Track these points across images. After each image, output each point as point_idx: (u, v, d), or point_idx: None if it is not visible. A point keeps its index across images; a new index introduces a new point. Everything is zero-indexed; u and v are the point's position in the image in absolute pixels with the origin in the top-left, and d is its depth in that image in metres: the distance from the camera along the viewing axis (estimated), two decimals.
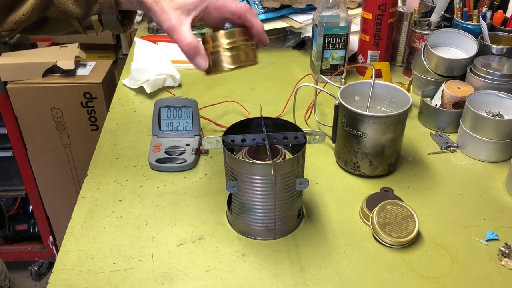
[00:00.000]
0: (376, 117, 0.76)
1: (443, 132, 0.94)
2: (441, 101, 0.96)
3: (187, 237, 0.70)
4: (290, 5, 1.31)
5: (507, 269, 0.65)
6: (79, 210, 0.75)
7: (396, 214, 0.70)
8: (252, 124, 0.72)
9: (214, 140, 0.68)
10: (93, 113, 1.47)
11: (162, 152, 0.86)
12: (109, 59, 2.10)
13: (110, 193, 0.79)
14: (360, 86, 0.86)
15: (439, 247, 0.69)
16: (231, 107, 1.02)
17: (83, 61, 1.50)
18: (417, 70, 1.07)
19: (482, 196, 0.79)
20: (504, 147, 0.85)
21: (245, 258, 0.67)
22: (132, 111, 1.03)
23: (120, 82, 1.14)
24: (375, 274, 0.65)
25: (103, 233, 0.71)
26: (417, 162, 0.87)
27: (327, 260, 0.67)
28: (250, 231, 0.70)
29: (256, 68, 1.23)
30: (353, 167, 0.82)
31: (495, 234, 0.70)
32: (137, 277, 0.64)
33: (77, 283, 0.63)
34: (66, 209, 0.86)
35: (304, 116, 1.00)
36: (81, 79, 1.43)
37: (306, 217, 0.74)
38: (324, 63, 1.13)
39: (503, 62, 0.97)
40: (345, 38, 1.10)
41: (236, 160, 0.65)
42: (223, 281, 0.64)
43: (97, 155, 0.88)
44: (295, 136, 0.69)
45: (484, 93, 0.91)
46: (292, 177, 0.66)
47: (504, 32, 1.05)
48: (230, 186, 0.67)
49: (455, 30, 1.06)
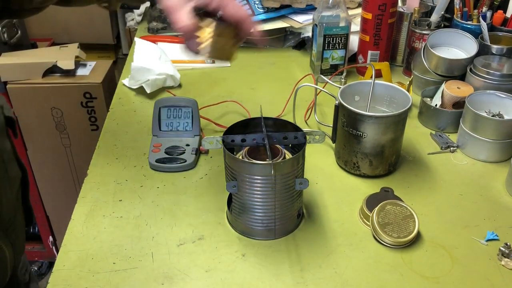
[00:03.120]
0: (376, 117, 0.76)
1: (443, 132, 0.94)
2: (441, 101, 0.96)
3: (187, 237, 0.70)
4: (290, 5, 1.31)
5: (507, 269, 0.65)
6: (79, 210, 0.75)
7: (396, 214, 0.70)
8: (252, 124, 0.72)
9: (214, 140, 0.68)
10: (93, 113, 1.47)
11: (162, 152, 0.86)
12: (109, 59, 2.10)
13: (110, 193, 0.79)
14: (360, 86, 0.86)
15: (439, 247, 0.69)
16: (231, 107, 1.02)
17: (83, 61, 1.50)
18: (417, 70, 1.07)
19: (482, 196, 0.79)
20: (504, 147, 0.85)
21: (245, 258, 0.67)
22: (132, 111, 1.03)
23: (120, 82, 1.14)
24: (375, 274, 0.65)
25: (103, 233, 0.71)
26: (417, 162, 0.87)
27: (327, 260, 0.67)
28: (250, 231, 0.70)
29: (256, 68, 1.23)
30: (353, 167, 0.82)
31: (495, 234, 0.70)
32: (137, 277, 0.64)
33: (77, 283, 0.63)
34: (66, 209, 0.86)
35: (304, 116, 1.00)
36: (81, 79, 1.43)
37: (306, 217, 0.74)
38: (324, 63, 1.13)
39: (503, 62, 0.97)
40: (345, 38, 1.10)
41: (236, 160, 0.65)
42: (223, 281, 0.64)
43: (97, 155, 0.88)
44: (295, 136, 0.69)
45: (484, 93, 0.91)
46: (292, 177, 0.66)
47: (504, 32, 1.05)
48: (230, 186, 0.67)
49: (455, 30, 1.06)
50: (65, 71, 1.43)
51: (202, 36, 0.63)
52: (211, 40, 0.63)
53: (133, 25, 1.90)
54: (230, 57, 0.68)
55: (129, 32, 1.95)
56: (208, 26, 0.63)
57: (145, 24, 1.48)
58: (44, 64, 1.41)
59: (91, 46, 2.05)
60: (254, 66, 1.24)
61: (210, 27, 0.63)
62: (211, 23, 0.63)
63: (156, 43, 1.29)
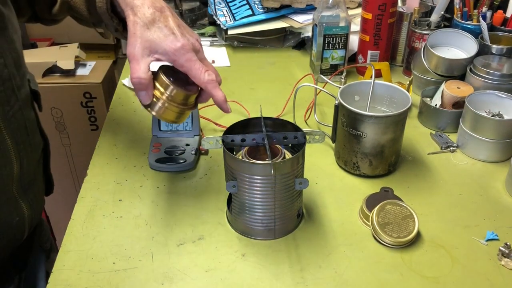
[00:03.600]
0: (376, 117, 0.76)
1: (443, 132, 0.94)
2: (441, 101, 0.96)
3: (187, 237, 0.70)
4: (290, 5, 1.31)
5: (507, 269, 0.65)
6: (79, 210, 0.75)
7: (396, 214, 0.70)
8: (252, 124, 0.72)
9: (214, 140, 0.68)
10: (93, 113, 1.47)
11: (162, 152, 0.86)
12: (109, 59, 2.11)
13: (110, 193, 0.79)
14: (360, 86, 0.86)
15: (439, 247, 0.69)
16: (231, 107, 1.02)
17: (83, 61, 1.50)
18: (417, 70, 1.07)
19: (482, 196, 0.79)
20: (504, 147, 0.85)
21: (245, 258, 0.67)
22: (132, 111, 1.03)
23: (120, 82, 1.14)
24: (375, 274, 0.65)
25: (103, 233, 0.71)
26: (417, 162, 0.87)
27: (327, 260, 0.67)
28: (250, 231, 0.70)
29: (256, 68, 1.23)
30: (353, 167, 0.82)
31: (495, 234, 0.70)
32: (137, 277, 0.64)
33: (77, 283, 0.63)
34: (66, 209, 0.86)
35: (304, 116, 1.00)
36: (81, 79, 1.43)
37: (306, 217, 0.74)
38: (324, 63, 1.13)
39: (503, 62, 0.97)
40: (345, 38, 1.10)
41: (236, 160, 0.65)
42: (223, 281, 0.64)
43: (97, 155, 0.88)
44: (295, 136, 0.69)
45: (484, 93, 0.91)
46: (292, 177, 0.66)
47: (504, 32, 1.05)
48: (230, 186, 0.67)
49: (455, 30, 1.06)
50: (65, 71, 1.43)
51: (155, 93, 0.62)
52: (162, 100, 0.63)
53: None
54: (177, 121, 0.66)
55: None
56: (162, 86, 0.62)
57: None
58: (44, 64, 1.41)
59: (91, 46, 2.05)
60: (254, 66, 1.24)
61: (163, 87, 0.62)
62: (167, 84, 0.62)
63: None
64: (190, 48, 0.60)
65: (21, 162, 0.66)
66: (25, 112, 0.67)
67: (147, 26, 0.60)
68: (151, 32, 0.60)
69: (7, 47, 0.62)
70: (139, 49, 0.59)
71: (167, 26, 0.60)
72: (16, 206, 0.67)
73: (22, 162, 0.66)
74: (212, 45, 1.36)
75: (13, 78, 0.63)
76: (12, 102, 0.63)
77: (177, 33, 0.60)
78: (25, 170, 0.67)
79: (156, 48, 0.60)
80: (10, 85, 0.63)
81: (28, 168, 0.68)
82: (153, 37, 0.59)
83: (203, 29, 1.41)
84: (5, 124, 0.62)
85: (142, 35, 0.59)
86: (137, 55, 0.59)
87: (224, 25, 1.30)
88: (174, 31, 0.60)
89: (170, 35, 0.60)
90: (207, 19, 1.44)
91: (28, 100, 0.70)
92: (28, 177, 0.69)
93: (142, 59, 0.60)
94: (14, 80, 0.64)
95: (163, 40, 0.59)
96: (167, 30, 0.60)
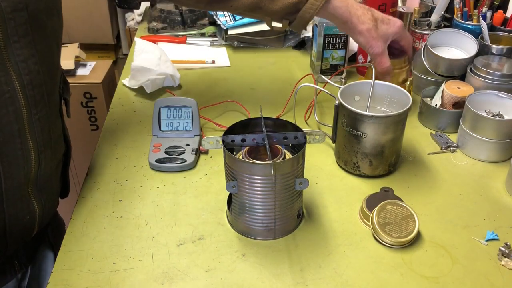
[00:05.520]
0: (376, 117, 0.76)
1: (443, 132, 0.94)
2: (441, 101, 0.96)
3: (187, 237, 0.70)
4: None
5: (507, 269, 0.65)
6: (79, 210, 0.75)
7: (396, 214, 0.70)
8: (252, 124, 0.72)
9: (214, 140, 0.68)
10: (93, 113, 1.47)
11: (162, 152, 0.86)
12: (109, 59, 2.10)
13: (110, 193, 0.79)
14: (360, 86, 0.86)
15: (439, 247, 0.69)
16: (231, 107, 1.02)
17: (83, 61, 1.51)
18: (417, 70, 1.07)
19: (482, 196, 0.79)
20: (504, 147, 0.85)
21: (245, 258, 0.67)
22: (132, 111, 1.03)
23: (120, 82, 1.14)
24: (375, 274, 0.65)
25: (103, 233, 0.71)
26: (417, 162, 0.87)
27: (327, 260, 0.67)
28: (250, 231, 0.70)
29: (256, 68, 1.23)
30: (353, 167, 0.82)
31: (495, 234, 0.70)
32: (137, 277, 0.64)
33: (77, 283, 0.63)
34: (66, 209, 0.86)
35: (304, 116, 1.00)
36: (81, 79, 1.43)
37: (306, 217, 0.74)
38: (324, 63, 1.13)
39: (503, 62, 0.97)
40: (345, 38, 1.10)
41: (236, 160, 0.65)
42: (223, 281, 0.64)
43: (97, 155, 0.88)
44: (295, 136, 0.69)
45: (484, 93, 0.91)
46: (292, 177, 0.66)
47: (504, 32, 1.05)
48: (230, 186, 0.67)
49: (455, 30, 1.06)
50: (65, 71, 1.43)
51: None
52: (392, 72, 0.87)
53: (133, 25, 1.90)
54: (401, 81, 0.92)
55: (129, 32, 1.95)
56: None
57: (145, 24, 1.48)
58: None
59: (91, 46, 2.05)
60: (254, 66, 1.24)
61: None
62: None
63: (156, 43, 1.29)
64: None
65: (39, 164, 0.67)
66: (51, 118, 0.69)
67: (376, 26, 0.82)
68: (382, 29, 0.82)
69: (45, 57, 0.64)
70: (381, 47, 0.82)
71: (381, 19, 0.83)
72: (28, 204, 0.68)
73: (41, 164, 0.67)
74: (212, 45, 1.36)
75: (45, 85, 0.65)
76: (40, 107, 0.65)
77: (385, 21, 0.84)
78: (43, 172, 0.68)
79: (387, 35, 0.83)
80: (40, 91, 0.64)
81: (45, 170, 0.69)
82: (383, 29, 0.82)
83: (203, 29, 1.41)
84: (30, 126, 0.63)
85: (378, 35, 0.81)
86: (382, 52, 0.82)
87: (224, 25, 1.30)
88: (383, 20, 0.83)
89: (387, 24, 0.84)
90: (207, 19, 1.44)
91: (56, 107, 0.73)
92: (44, 179, 0.70)
93: (385, 52, 0.83)
94: (46, 87, 0.65)
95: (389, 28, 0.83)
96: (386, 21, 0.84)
